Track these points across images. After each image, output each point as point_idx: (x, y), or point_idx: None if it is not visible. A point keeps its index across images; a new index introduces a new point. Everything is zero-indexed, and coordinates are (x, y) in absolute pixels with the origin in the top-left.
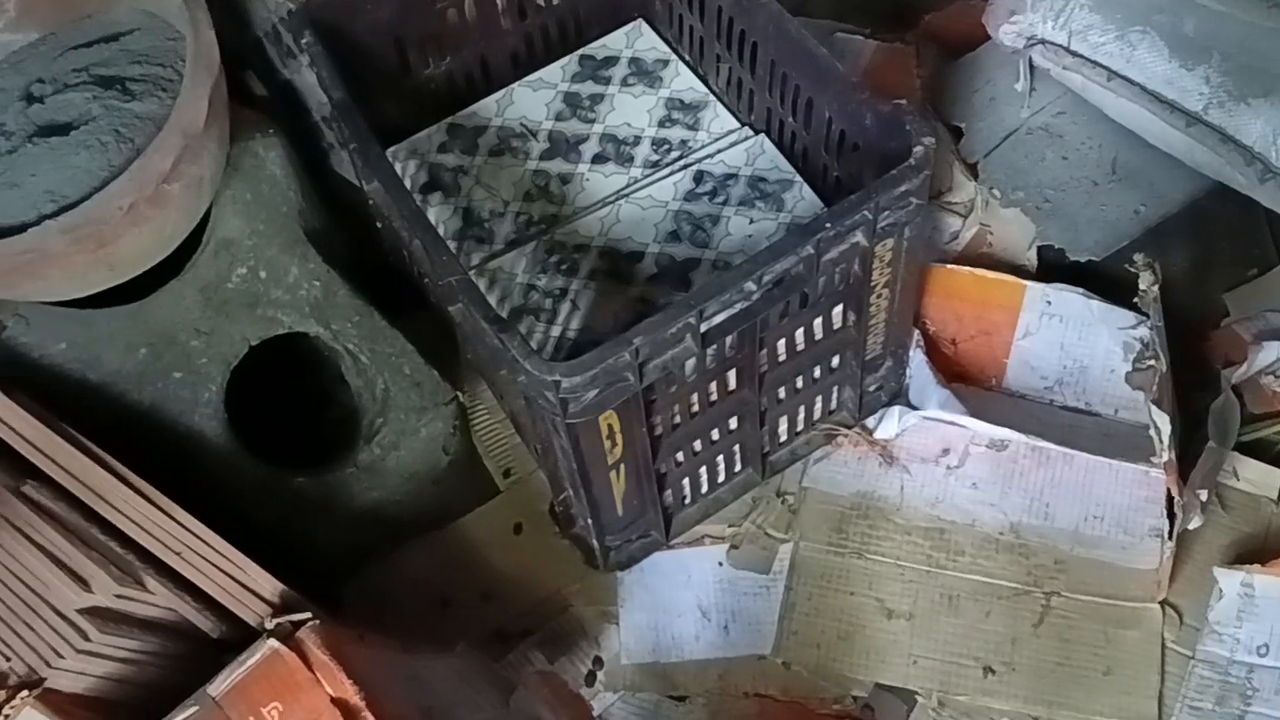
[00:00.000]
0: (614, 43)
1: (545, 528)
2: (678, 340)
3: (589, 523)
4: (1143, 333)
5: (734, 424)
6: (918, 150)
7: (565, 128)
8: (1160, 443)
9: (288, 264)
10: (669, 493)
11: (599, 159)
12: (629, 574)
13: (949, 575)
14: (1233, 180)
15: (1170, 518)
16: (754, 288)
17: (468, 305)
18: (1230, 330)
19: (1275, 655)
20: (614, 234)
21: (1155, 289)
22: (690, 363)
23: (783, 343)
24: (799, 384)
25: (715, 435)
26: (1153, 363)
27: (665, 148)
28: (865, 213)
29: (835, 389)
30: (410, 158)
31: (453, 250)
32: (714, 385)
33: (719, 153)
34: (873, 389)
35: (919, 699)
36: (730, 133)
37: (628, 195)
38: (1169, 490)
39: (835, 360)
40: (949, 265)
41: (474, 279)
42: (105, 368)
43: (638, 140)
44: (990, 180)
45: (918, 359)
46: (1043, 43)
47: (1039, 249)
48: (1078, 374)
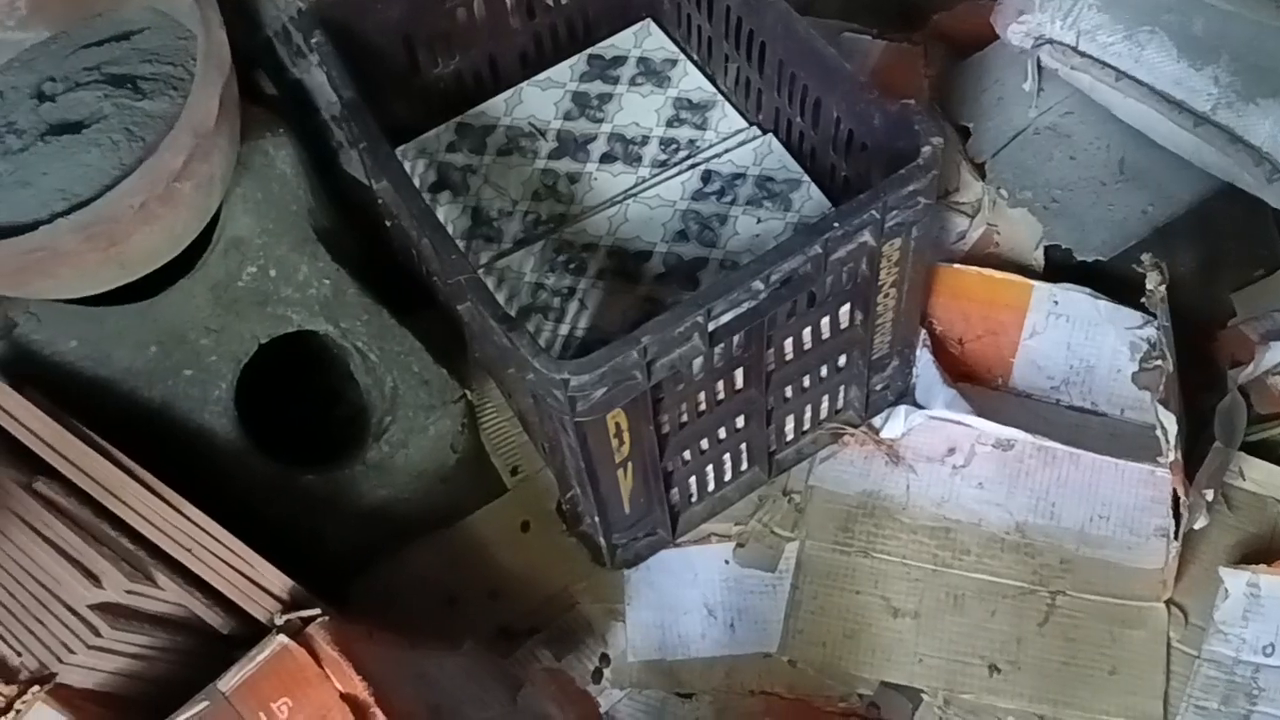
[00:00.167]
0: (622, 42)
1: (553, 526)
2: (685, 339)
3: (596, 520)
4: (1149, 333)
5: (741, 423)
6: (926, 150)
7: (573, 127)
8: (1166, 443)
9: (297, 262)
10: (676, 491)
11: (607, 158)
12: (636, 572)
13: (955, 574)
14: (1241, 180)
15: (1176, 517)
16: (761, 287)
17: (476, 304)
18: (1237, 330)
19: None
20: (622, 233)
21: (1162, 289)
22: (698, 361)
23: (790, 342)
24: (806, 383)
25: (722, 434)
26: (1159, 363)
27: (673, 147)
28: (873, 212)
29: (842, 388)
30: (419, 157)
31: (461, 249)
32: (721, 384)
33: (727, 152)
34: (879, 388)
35: (924, 697)
36: (738, 132)
37: (636, 195)
38: (1175, 490)
39: (842, 359)
40: (956, 265)
41: (482, 278)
42: (116, 365)
43: (646, 140)
44: (998, 180)
45: (924, 358)
46: (1051, 42)
47: (1046, 249)
48: (1084, 374)
